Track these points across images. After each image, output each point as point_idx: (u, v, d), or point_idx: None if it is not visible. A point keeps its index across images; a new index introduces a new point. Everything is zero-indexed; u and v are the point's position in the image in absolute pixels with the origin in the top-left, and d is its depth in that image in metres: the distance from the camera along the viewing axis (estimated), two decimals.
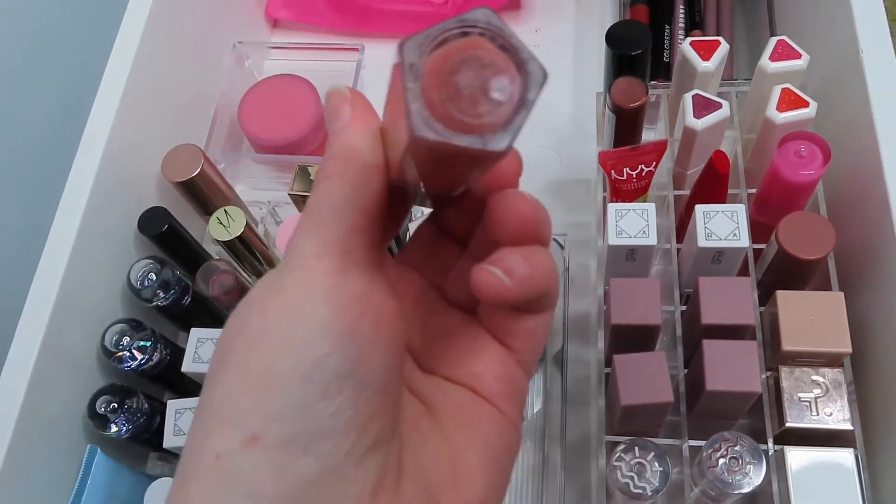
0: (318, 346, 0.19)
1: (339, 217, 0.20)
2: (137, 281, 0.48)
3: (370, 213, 0.20)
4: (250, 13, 0.68)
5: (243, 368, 0.19)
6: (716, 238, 0.43)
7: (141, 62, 0.52)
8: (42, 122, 0.59)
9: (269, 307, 0.20)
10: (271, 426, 0.18)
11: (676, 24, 0.63)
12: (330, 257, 0.20)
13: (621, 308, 0.41)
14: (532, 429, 0.51)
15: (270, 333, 0.19)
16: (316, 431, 0.18)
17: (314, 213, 0.20)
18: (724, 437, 0.39)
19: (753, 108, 0.49)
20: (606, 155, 0.46)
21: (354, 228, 0.20)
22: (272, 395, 0.18)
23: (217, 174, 0.53)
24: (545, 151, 0.62)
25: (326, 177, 0.20)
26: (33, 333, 0.43)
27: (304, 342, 0.19)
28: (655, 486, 0.39)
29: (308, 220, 0.20)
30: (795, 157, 0.42)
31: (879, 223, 0.42)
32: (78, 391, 0.46)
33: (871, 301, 0.43)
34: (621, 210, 0.44)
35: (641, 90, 0.46)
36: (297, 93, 0.61)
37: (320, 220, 0.20)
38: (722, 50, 0.48)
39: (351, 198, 0.20)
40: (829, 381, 0.40)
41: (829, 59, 0.50)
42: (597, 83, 0.65)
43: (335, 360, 0.19)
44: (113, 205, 0.49)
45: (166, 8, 0.54)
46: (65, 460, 0.44)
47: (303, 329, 0.19)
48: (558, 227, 0.58)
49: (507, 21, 0.18)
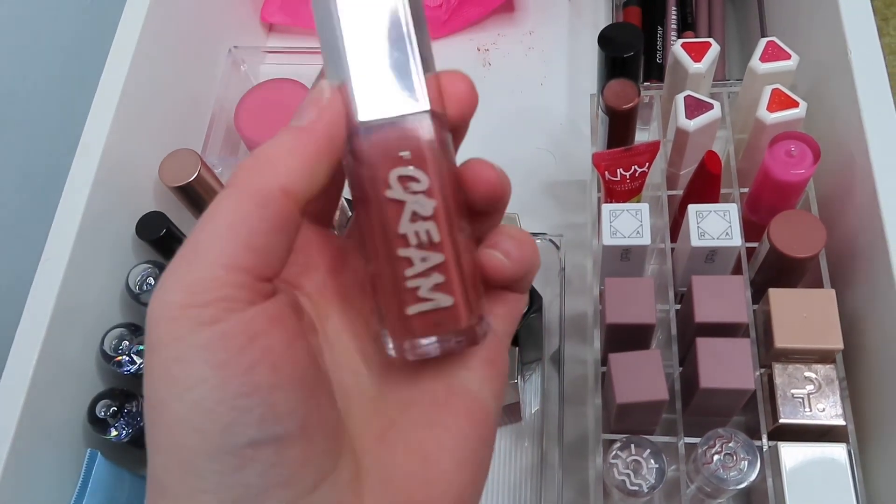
0: (215, 418, 0.17)
1: (214, 253, 0.18)
2: (136, 285, 0.49)
3: (261, 246, 0.18)
4: (245, 18, 0.69)
5: (155, 445, 0.18)
6: (709, 237, 0.43)
7: (137, 67, 0.52)
8: (39, 127, 0.59)
9: (155, 374, 0.18)
10: (203, 497, 0.17)
11: (669, 25, 0.64)
12: (199, 307, 0.17)
13: (616, 307, 0.42)
14: (530, 428, 0.52)
15: (166, 408, 0.17)
16: (247, 497, 0.17)
17: (185, 247, 0.18)
18: (719, 433, 0.39)
19: (744, 109, 0.50)
20: (600, 156, 0.47)
21: (233, 267, 0.18)
22: (189, 474, 0.17)
23: (214, 178, 0.53)
24: (541, 153, 0.63)
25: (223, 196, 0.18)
26: (33, 338, 0.43)
27: (199, 414, 0.17)
28: (652, 482, 0.39)
29: (178, 258, 0.18)
30: (786, 157, 0.43)
31: (869, 221, 0.43)
32: (77, 395, 0.46)
33: (862, 298, 0.44)
34: (615, 210, 0.44)
35: (634, 92, 0.47)
36: (292, 97, 0.61)
37: (188, 258, 0.18)
38: (713, 51, 0.48)
39: (236, 230, 0.18)
40: (822, 378, 0.41)
41: (818, 59, 0.50)
42: (590, 85, 0.65)
43: (239, 428, 0.17)
44: (111, 210, 0.49)
45: (162, 13, 0.55)
46: (65, 464, 0.45)
47: (192, 402, 0.17)
48: (554, 227, 0.58)
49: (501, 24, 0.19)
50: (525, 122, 0.64)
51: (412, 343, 0.21)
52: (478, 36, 0.68)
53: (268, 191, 0.18)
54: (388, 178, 0.20)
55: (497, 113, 0.64)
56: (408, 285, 0.20)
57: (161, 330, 0.18)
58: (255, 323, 0.18)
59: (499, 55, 0.68)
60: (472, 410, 0.21)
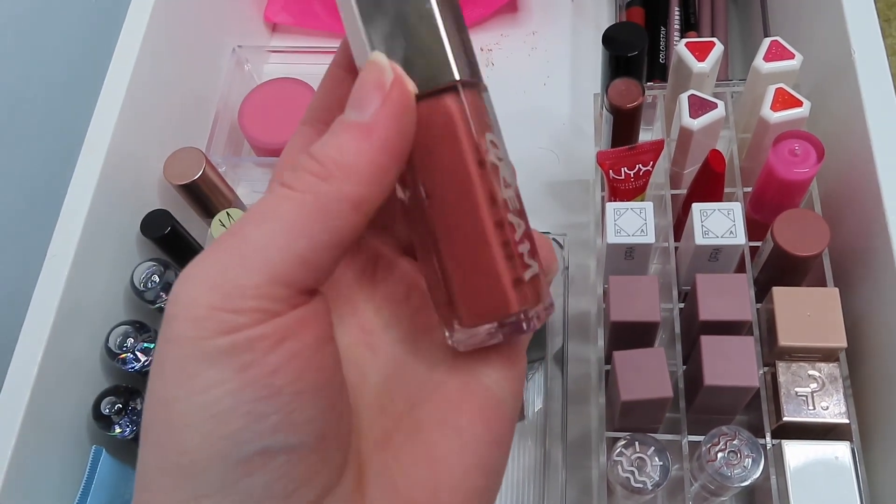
0: (226, 423, 0.16)
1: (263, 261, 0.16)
2: (141, 283, 0.49)
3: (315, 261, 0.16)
4: (249, 17, 0.69)
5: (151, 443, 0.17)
6: (713, 236, 0.43)
7: (142, 66, 0.52)
8: (44, 125, 0.59)
9: (167, 369, 0.16)
10: (203, 502, 0.16)
11: (672, 25, 0.64)
12: (230, 313, 0.16)
13: (621, 305, 0.42)
14: (533, 427, 0.52)
15: (172, 406, 0.16)
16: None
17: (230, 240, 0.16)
18: (723, 431, 0.39)
19: (748, 108, 0.50)
20: (604, 155, 0.47)
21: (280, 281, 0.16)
22: (188, 478, 0.16)
23: (219, 177, 0.53)
24: (544, 153, 0.63)
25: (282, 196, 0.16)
26: (38, 335, 0.43)
27: (209, 417, 0.16)
28: (656, 480, 0.39)
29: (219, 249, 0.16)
30: (790, 156, 0.43)
31: (873, 219, 0.43)
32: (82, 393, 0.46)
33: (866, 296, 0.44)
34: (619, 209, 0.44)
35: (638, 90, 0.47)
36: (296, 96, 0.61)
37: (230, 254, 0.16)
38: (717, 51, 0.48)
39: (294, 240, 0.16)
40: (825, 376, 0.41)
41: (821, 59, 0.51)
42: (593, 84, 0.65)
43: (250, 435, 0.16)
44: (116, 208, 0.50)
45: (166, 13, 0.55)
46: (70, 461, 0.45)
47: (203, 404, 0.16)
48: (557, 227, 0.58)
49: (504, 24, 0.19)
50: (528, 121, 0.64)
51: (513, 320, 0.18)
52: (481, 36, 0.68)
53: (337, 202, 0.16)
54: (485, 142, 0.18)
55: (500, 113, 0.64)
56: (520, 250, 0.18)
57: (183, 326, 0.16)
58: (286, 327, 0.16)
59: (502, 55, 0.68)
60: (487, 410, 0.19)
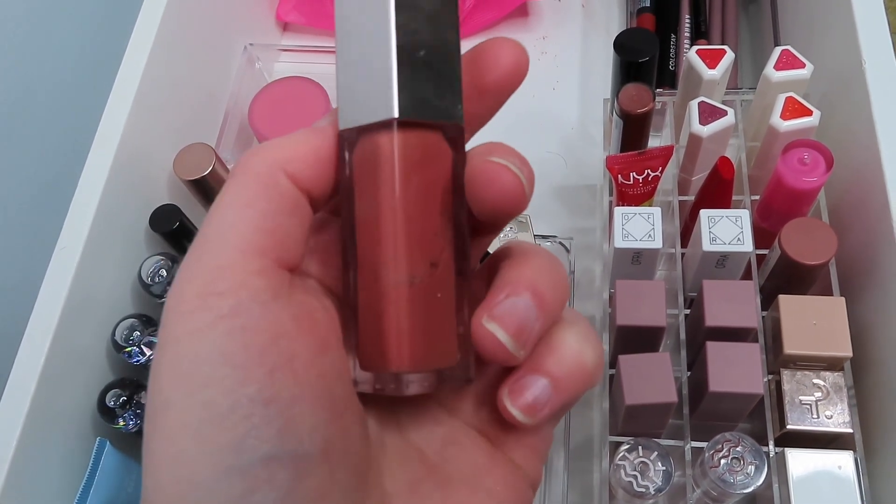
0: (227, 426, 0.15)
1: (227, 237, 0.16)
2: (148, 277, 0.49)
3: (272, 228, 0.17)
4: (261, 16, 0.69)
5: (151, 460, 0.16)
6: (720, 242, 0.43)
7: (154, 63, 0.52)
8: (57, 120, 0.59)
9: (163, 373, 0.16)
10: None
11: (682, 33, 0.64)
12: (218, 295, 0.16)
13: (627, 309, 0.42)
14: None
15: (170, 412, 0.15)
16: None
17: (197, 240, 0.17)
18: (726, 437, 0.39)
19: (758, 117, 0.50)
20: (614, 159, 0.47)
21: (248, 250, 0.16)
22: (189, 494, 0.15)
23: (228, 173, 0.54)
24: (551, 157, 0.63)
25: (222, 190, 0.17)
26: (45, 327, 0.43)
27: (208, 419, 0.15)
28: (658, 485, 0.39)
29: (191, 251, 0.17)
30: (798, 165, 0.43)
31: (880, 229, 0.43)
32: (88, 385, 0.46)
33: (872, 306, 0.44)
34: (627, 213, 0.44)
35: (649, 96, 0.47)
36: (306, 95, 0.62)
37: (201, 248, 0.17)
38: (727, 58, 0.48)
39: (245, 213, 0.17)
40: (830, 385, 0.41)
41: (832, 68, 0.51)
42: (602, 90, 0.66)
43: (253, 442, 0.15)
44: (125, 202, 0.50)
45: (179, 10, 0.55)
46: (74, 453, 0.45)
47: (202, 404, 0.15)
48: (563, 231, 0.58)
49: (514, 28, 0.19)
50: (536, 126, 0.64)
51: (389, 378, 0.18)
52: None
53: (272, 172, 0.17)
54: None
55: (509, 116, 0.63)
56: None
57: (175, 325, 0.16)
58: (279, 321, 0.16)
59: None
60: (513, 478, 0.20)
